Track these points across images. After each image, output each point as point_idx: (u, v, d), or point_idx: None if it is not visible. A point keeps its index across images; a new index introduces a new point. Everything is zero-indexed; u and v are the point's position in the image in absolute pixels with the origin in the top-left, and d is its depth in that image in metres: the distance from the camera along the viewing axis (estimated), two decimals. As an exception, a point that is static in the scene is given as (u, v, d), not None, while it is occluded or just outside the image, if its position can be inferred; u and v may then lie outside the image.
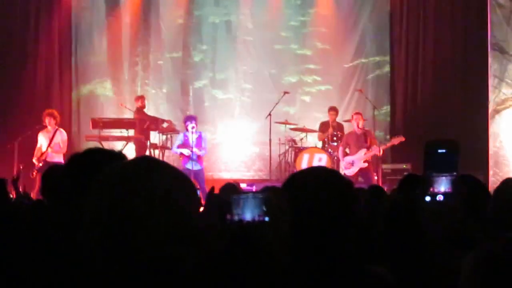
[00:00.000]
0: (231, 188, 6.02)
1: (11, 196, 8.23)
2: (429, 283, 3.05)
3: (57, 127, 14.28)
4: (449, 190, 3.18)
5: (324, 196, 2.17)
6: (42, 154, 14.02)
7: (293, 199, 2.23)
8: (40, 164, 13.82)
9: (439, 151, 3.27)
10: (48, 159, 13.83)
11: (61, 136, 14.27)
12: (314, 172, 2.38)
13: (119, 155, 3.29)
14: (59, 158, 13.91)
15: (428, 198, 3.15)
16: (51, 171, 5.11)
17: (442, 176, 3.11)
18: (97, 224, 1.67)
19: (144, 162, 1.79)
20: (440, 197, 3.19)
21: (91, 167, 2.95)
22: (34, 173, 13.69)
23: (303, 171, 2.44)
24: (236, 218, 2.85)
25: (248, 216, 2.80)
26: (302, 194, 2.22)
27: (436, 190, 3.19)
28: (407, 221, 3.14)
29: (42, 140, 14.20)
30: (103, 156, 3.23)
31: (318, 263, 2.14)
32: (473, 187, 4.07)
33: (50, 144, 14.06)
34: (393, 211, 3.35)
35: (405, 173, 14.01)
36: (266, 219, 2.71)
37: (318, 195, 2.18)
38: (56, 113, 14.56)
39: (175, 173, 1.81)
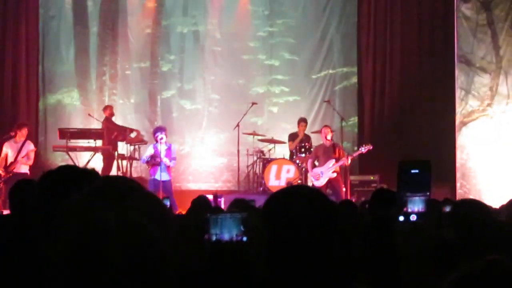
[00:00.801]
0: (203, 203, 5.99)
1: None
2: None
3: (24, 138, 14.18)
4: (423, 210, 3.23)
5: (305, 218, 2.16)
6: (10, 164, 13.88)
7: (273, 220, 2.22)
8: (10, 175, 13.68)
9: (412, 171, 3.31)
10: (15, 170, 13.73)
11: (30, 147, 14.16)
12: (294, 192, 2.36)
13: (92, 173, 3.27)
14: (25, 169, 13.87)
15: (402, 218, 3.19)
16: (19, 186, 5.07)
17: (416, 196, 3.14)
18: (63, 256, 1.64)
19: (117, 188, 1.76)
20: (413, 217, 3.22)
21: (63, 185, 2.94)
22: (1, 184, 13.55)
23: (283, 190, 2.42)
24: (214, 238, 2.85)
25: (226, 236, 2.80)
26: (282, 216, 2.21)
27: (410, 210, 3.23)
28: (383, 241, 3.15)
29: (8, 151, 14.05)
30: (76, 174, 3.21)
31: (299, 284, 2.14)
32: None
33: (19, 155, 13.92)
34: (369, 231, 3.36)
35: (375, 186, 14.11)
36: (244, 239, 2.72)
37: (299, 217, 2.18)
38: (27, 124, 14.57)
39: (148, 199, 1.78)
